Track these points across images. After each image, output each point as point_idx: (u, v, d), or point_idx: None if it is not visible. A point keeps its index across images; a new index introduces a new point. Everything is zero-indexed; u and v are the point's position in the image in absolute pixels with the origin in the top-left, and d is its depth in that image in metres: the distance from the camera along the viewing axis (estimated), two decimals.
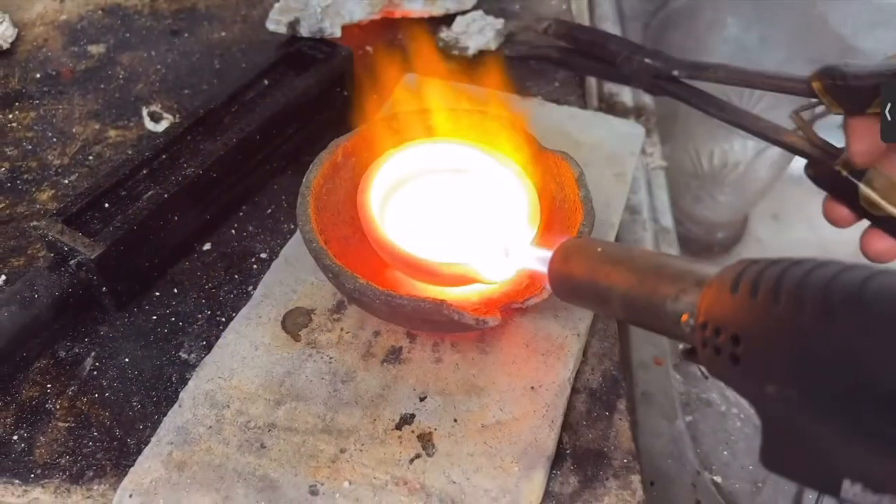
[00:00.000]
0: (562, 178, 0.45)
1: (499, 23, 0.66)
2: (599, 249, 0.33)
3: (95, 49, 0.65)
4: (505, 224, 0.44)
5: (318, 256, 0.40)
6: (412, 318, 0.40)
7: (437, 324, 0.40)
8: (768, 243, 0.92)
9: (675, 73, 0.48)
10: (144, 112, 0.58)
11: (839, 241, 0.96)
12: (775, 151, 0.79)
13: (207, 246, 0.50)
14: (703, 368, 0.26)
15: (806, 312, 0.22)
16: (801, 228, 0.93)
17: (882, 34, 0.88)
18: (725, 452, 0.50)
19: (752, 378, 0.23)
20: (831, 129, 0.44)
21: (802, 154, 0.42)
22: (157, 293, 0.47)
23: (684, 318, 0.27)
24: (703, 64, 0.46)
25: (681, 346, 0.28)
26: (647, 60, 0.50)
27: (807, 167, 0.42)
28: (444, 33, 0.65)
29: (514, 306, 0.41)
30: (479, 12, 0.67)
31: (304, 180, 0.43)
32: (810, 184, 0.43)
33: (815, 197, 0.42)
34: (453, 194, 0.46)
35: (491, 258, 0.40)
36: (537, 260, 0.36)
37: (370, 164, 0.45)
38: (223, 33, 0.67)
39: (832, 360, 0.21)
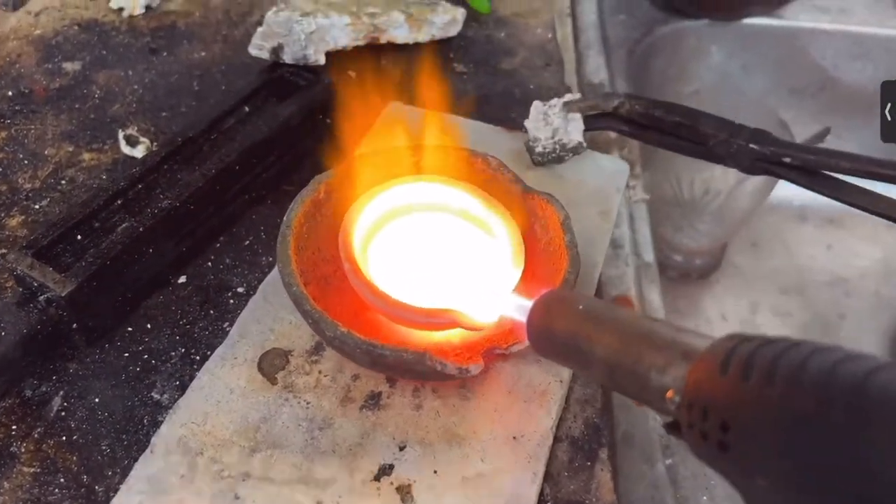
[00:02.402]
0: (547, 220, 0.45)
1: (567, 103, 0.54)
2: (581, 307, 0.31)
3: (70, 66, 0.64)
4: (489, 267, 0.43)
5: (298, 301, 0.39)
6: (393, 368, 0.39)
7: (419, 373, 0.39)
8: (746, 271, 0.92)
9: (788, 159, 0.43)
10: (120, 135, 0.57)
11: (815, 269, 0.97)
12: (757, 180, 0.79)
13: (182, 279, 0.49)
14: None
15: (804, 402, 0.20)
16: (780, 256, 0.93)
17: (861, 66, 0.89)
18: (705, 497, 0.49)
19: (742, 469, 0.22)
20: None
21: None
22: (130, 328, 0.46)
23: (670, 394, 0.26)
24: (820, 150, 0.42)
25: (661, 420, 0.27)
26: (751, 146, 0.45)
27: None
28: (540, 147, 0.53)
29: (496, 352, 0.41)
30: (535, 102, 0.54)
31: (284, 219, 0.42)
32: (788, 212, 0.41)
33: (793, 225, 0.41)
34: (436, 235, 0.45)
35: (474, 303, 0.39)
36: (517, 309, 0.35)
37: (353, 201, 0.44)
38: (203, 53, 0.66)
39: (831, 455, 0.20)
